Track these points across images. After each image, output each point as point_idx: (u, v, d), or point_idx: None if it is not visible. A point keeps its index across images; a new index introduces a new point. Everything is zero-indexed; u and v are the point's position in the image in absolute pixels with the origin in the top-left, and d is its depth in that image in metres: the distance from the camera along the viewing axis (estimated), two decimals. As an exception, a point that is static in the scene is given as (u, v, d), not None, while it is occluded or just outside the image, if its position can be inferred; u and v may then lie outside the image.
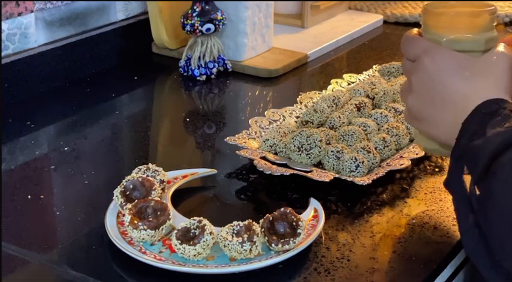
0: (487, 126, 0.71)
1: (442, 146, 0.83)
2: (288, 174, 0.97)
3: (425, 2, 0.89)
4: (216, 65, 1.39)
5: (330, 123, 1.10)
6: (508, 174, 0.66)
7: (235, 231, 0.82)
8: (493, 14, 0.83)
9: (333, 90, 1.24)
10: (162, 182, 0.93)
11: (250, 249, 0.80)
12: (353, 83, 1.29)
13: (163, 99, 1.39)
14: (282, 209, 0.85)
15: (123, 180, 0.90)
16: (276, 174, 0.97)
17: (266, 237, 0.83)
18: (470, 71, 0.76)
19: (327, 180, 0.96)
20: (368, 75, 1.33)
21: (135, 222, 0.83)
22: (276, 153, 1.04)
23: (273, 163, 1.00)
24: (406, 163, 1.00)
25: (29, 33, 1.28)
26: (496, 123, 0.70)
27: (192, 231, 0.83)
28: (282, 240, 0.82)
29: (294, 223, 0.84)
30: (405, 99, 0.81)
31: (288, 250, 0.82)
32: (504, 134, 0.68)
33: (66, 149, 1.10)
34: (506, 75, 0.77)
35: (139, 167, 0.94)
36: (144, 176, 0.92)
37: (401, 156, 1.03)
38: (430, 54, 0.78)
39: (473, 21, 0.82)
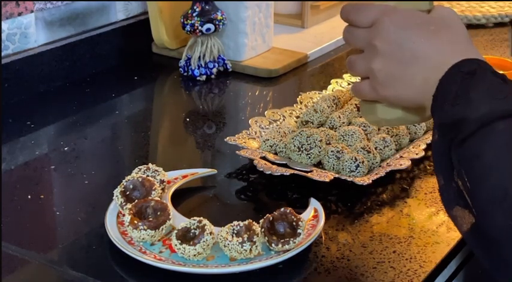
0: (469, 88, 0.69)
1: (406, 112, 0.80)
2: (288, 174, 0.97)
3: None
4: (216, 65, 1.39)
5: (330, 123, 1.11)
6: (503, 143, 0.66)
7: (235, 231, 0.82)
8: None
9: (333, 90, 1.24)
10: (162, 182, 0.93)
11: (250, 249, 0.80)
12: (353, 83, 1.28)
13: (163, 99, 1.39)
14: (282, 209, 0.85)
15: (123, 180, 0.90)
16: (276, 174, 0.97)
17: (266, 237, 0.83)
18: (434, 25, 0.75)
19: (327, 180, 0.96)
20: (368, 75, 1.32)
21: (135, 222, 0.83)
22: (276, 153, 1.04)
23: (273, 163, 1.00)
24: (406, 163, 1.00)
25: (29, 33, 1.28)
26: (480, 85, 0.69)
27: (192, 231, 0.83)
28: (282, 240, 0.82)
29: (294, 223, 0.84)
30: (367, 66, 0.77)
31: (288, 250, 0.82)
32: (494, 102, 0.68)
33: (66, 149, 1.10)
34: (464, 28, 0.76)
35: (139, 167, 0.94)
36: (144, 176, 0.92)
37: (401, 156, 1.03)
38: (390, 14, 0.75)
39: None
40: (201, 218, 0.84)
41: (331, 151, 1.01)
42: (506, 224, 0.63)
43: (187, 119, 1.24)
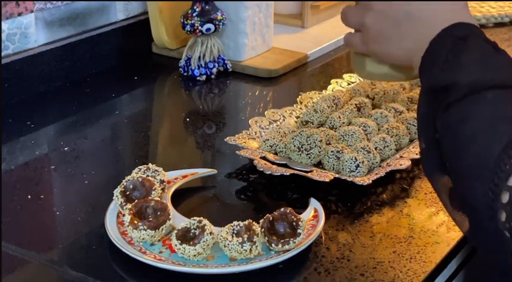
0: (460, 53, 0.69)
1: (393, 69, 0.80)
2: (288, 174, 0.97)
3: None
4: (216, 65, 1.39)
5: (330, 123, 1.10)
6: (490, 112, 0.65)
7: (235, 231, 0.82)
8: None
9: (333, 90, 1.24)
10: (162, 182, 0.93)
11: (250, 249, 0.80)
12: (353, 83, 1.29)
13: (163, 99, 1.39)
14: (282, 209, 0.85)
15: (123, 180, 0.90)
16: (276, 174, 0.97)
17: (266, 237, 0.83)
18: None
19: (327, 180, 0.96)
20: (368, 75, 1.32)
21: (135, 222, 0.83)
22: (276, 153, 1.04)
23: (273, 163, 1.00)
24: (406, 163, 1.00)
25: (29, 33, 1.28)
26: (471, 51, 0.69)
27: (192, 231, 0.83)
28: (282, 240, 0.82)
29: (294, 223, 0.84)
30: (360, 20, 0.78)
31: (288, 250, 0.82)
32: (485, 70, 0.67)
33: (66, 149, 1.10)
34: None
35: (139, 167, 0.94)
36: (144, 176, 0.92)
37: (401, 156, 1.03)
38: None
39: None
40: (201, 218, 0.84)
41: (331, 151, 1.01)
42: (486, 193, 0.63)
43: (187, 119, 1.24)
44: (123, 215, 0.87)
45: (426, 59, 0.72)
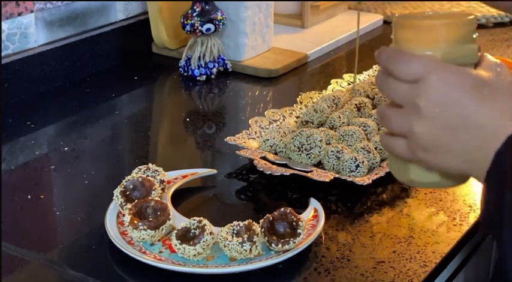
0: None
1: (443, 177, 0.71)
2: (288, 174, 0.97)
3: (396, 14, 0.74)
4: (216, 65, 1.39)
5: (330, 123, 1.11)
6: None
7: (235, 231, 0.82)
8: (475, 23, 0.72)
9: (333, 90, 1.24)
10: (162, 182, 0.93)
11: (250, 249, 0.80)
12: (353, 83, 1.29)
13: (163, 99, 1.39)
14: (282, 209, 0.85)
15: (123, 180, 0.90)
16: (276, 174, 0.97)
17: (266, 237, 0.83)
18: (488, 88, 0.66)
19: (327, 180, 0.96)
20: (368, 75, 1.33)
21: (135, 222, 0.83)
22: (276, 153, 1.04)
23: (273, 163, 1.00)
24: (406, 163, 1.00)
25: (29, 33, 1.28)
26: None
27: (192, 231, 0.83)
28: (282, 240, 0.82)
29: (294, 223, 0.84)
30: (407, 126, 0.67)
31: (288, 250, 0.82)
32: None
33: (66, 149, 1.10)
34: None
35: (139, 167, 0.94)
36: (144, 176, 0.92)
37: (401, 156, 1.03)
38: (438, 72, 0.66)
39: (460, 31, 0.70)
40: (201, 218, 0.84)
41: (331, 151, 1.01)
42: None
43: (187, 119, 1.24)
44: (123, 215, 0.87)
45: (496, 173, 0.64)
